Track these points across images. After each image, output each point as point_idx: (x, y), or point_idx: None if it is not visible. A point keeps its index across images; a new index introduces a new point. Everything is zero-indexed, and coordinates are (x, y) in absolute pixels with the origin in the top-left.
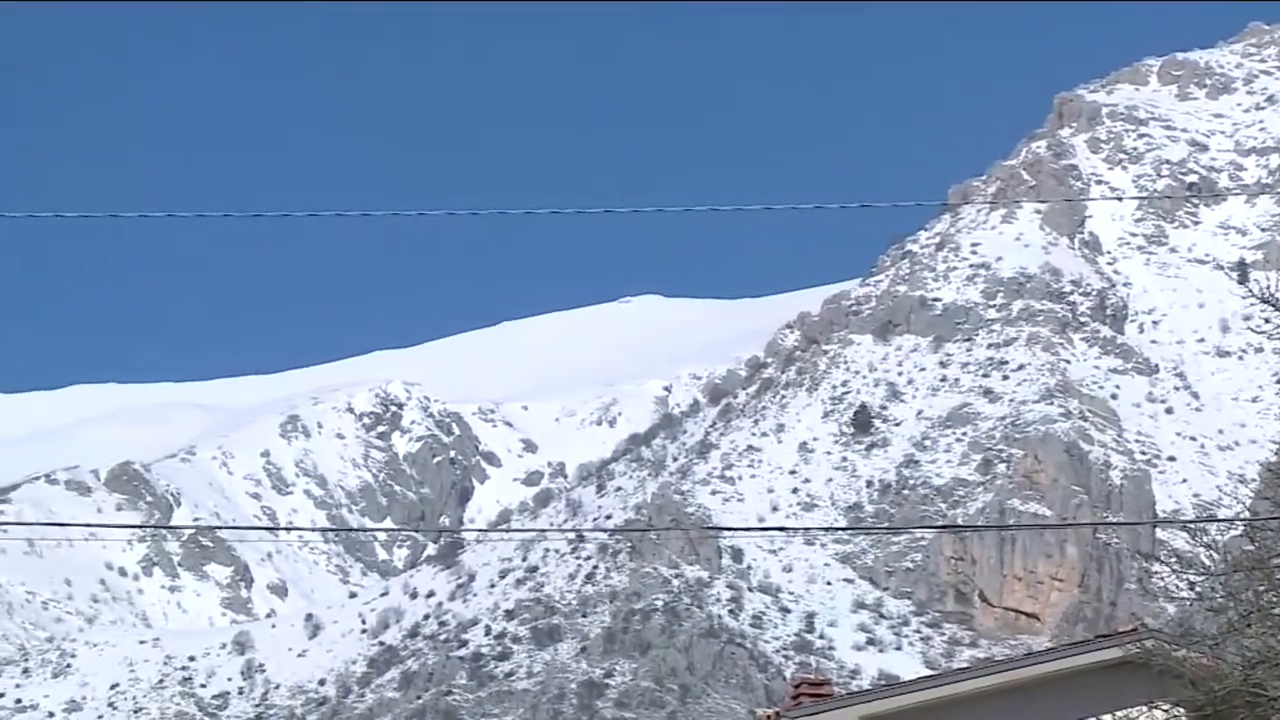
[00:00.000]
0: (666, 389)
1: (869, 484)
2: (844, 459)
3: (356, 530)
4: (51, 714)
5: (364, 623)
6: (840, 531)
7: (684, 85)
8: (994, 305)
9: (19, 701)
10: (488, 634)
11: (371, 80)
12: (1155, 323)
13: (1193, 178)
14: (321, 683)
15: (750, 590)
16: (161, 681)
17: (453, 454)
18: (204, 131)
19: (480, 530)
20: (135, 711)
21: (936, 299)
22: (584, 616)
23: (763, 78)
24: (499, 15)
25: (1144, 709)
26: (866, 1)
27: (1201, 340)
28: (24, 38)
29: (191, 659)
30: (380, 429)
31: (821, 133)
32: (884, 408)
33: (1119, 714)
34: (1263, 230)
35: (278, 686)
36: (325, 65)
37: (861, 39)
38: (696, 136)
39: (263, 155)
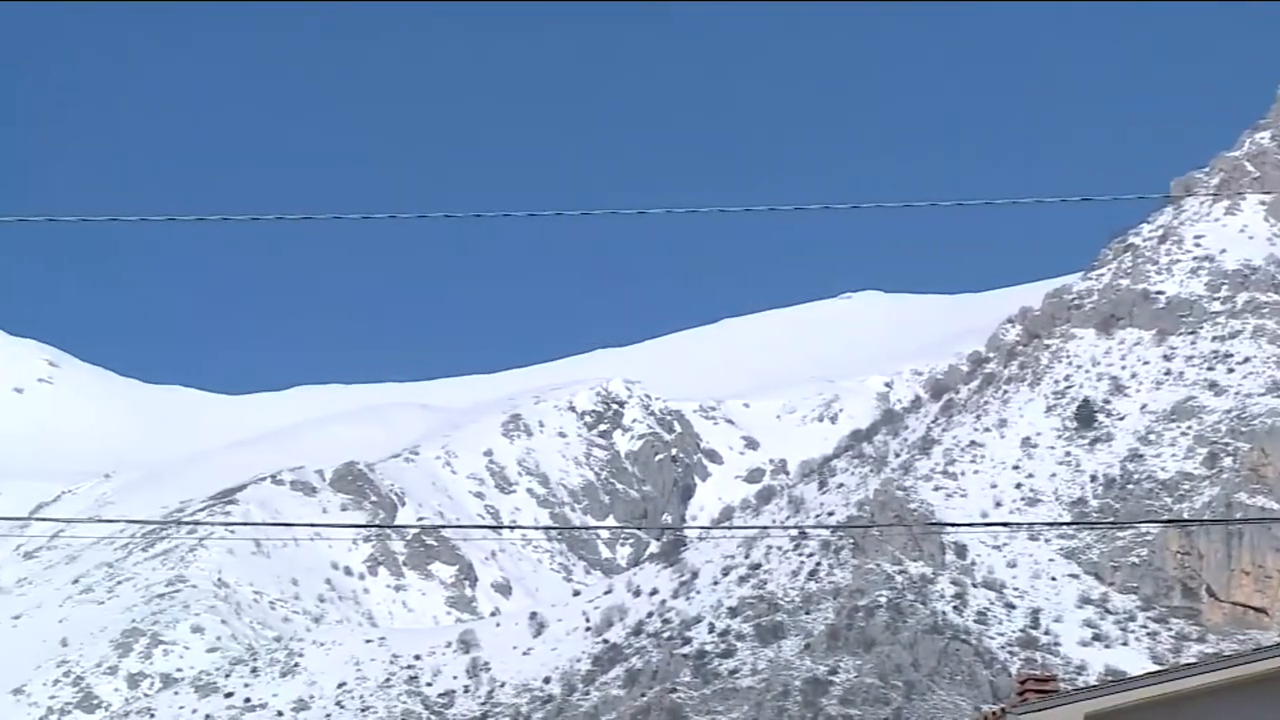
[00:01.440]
0: (888, 385)
1: (1093, 478)
2: (1067, 454)
3: (579, 529)
4: (280, 713)
5: (588, 621)
6: (1065, 527)
7: (895, 79)
8: (1218, 298)
9: (248, 701)
10: (711, 631)
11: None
12: None
13: None
14: (546, 681)
15: (974, 586)
16: (388, 680)
17: (674, 452)
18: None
19: (703, 527)
20: (362, 710)
21: (1160, 292)
22: (807, 613)
23: (982, 73)
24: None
25: None
26: (1088, 1)
27: None
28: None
29: (417, 658)
30: (602, 427)
31: (1042, 127)
32: (1107, 402)
33: None
34: None
35: (503, 685)
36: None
37: (1086, 34)
38: (906, 131)
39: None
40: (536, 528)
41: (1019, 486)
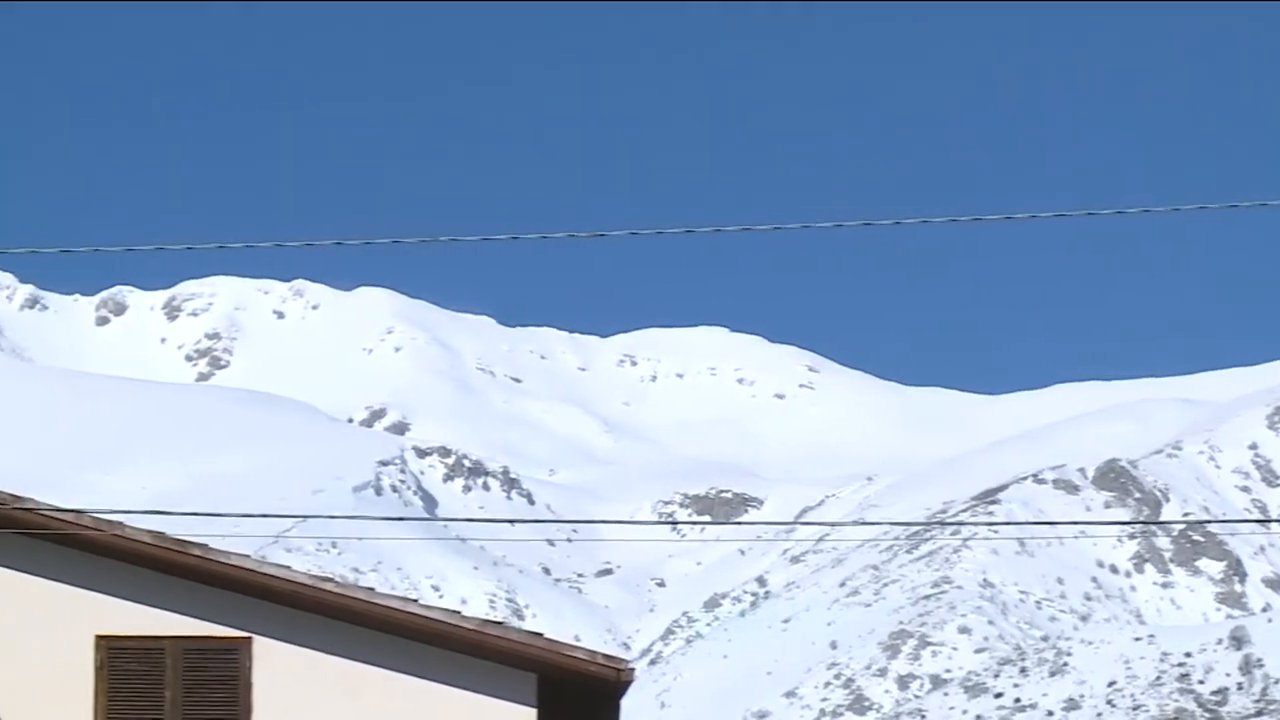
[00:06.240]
0: None
1: None
2: None
3: None
4: (1050, 713)
5: None
6: None
7: None
8: None
9: (1017, 701)
10: None
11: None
12: None
13: None
14: None
15: None
16: (1158, 679)
17: None
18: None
19: None
20: (1134, 709)
21: None
22: None
23: None
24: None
25: None
26: None
27: None
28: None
29: (1188, 655)
30: None
31: None
32: None
33: None
34: None
35: (1277, 682)
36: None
37: None
38: None
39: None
40: None
41: None
